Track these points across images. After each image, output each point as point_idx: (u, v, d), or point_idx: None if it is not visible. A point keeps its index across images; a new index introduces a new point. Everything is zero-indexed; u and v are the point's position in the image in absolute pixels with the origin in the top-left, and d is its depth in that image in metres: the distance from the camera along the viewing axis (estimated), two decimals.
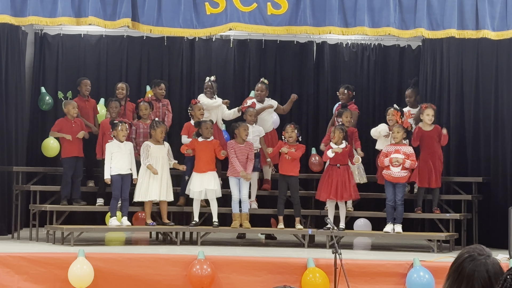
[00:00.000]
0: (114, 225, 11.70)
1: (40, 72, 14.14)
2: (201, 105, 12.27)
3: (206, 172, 11.74)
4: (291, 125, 11.96)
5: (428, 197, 12.21)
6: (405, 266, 9.68)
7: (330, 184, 11.72)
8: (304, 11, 11.05)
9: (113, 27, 11.23)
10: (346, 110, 12.44)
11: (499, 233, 11.66)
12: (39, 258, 9.62)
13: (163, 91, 12.88)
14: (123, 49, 14.42)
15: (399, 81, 14.40)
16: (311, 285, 9.48)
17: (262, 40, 14.50)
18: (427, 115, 11.95)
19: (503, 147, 12.24)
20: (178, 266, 9.67)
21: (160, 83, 12.95)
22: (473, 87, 12.68)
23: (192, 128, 12.13)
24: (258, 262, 9.77)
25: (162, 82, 13.03)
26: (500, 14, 11.09)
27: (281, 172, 11.98)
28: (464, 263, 3.34)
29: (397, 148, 11.60)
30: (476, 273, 3.34)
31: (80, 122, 12.21)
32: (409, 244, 12.42)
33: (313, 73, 14.63)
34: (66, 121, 12.12)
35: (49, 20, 10.99)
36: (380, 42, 14.61)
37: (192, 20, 11.17)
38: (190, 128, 12.22)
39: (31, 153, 13.62)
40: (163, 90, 12.87)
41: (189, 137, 12.10)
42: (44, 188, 12.35)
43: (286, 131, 11.91)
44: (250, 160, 11.90)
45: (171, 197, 11.84)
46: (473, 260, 3.33)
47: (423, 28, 11.12)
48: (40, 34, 14.21)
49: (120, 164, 11.64)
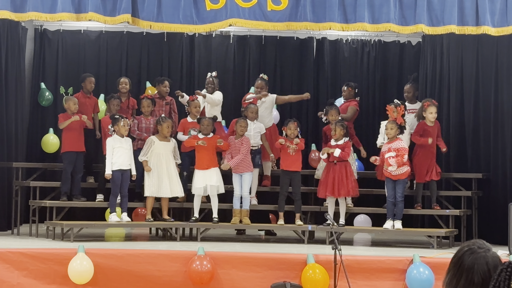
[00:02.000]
0: (114, 221, 11.71)
1: (40, 68, 14.15)
2: (198, 102, 12.25)
3: (208, 169, 11.74)
4: (294, 123, 11.92)
5: (427, 193, 12.21)
6: (405, 262, 9.69)
7: (327, 181, 11.73)
8: (304, 7, 11.04)
9: (113, 23, 11.23)
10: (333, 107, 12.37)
11: (499, 229, 11.66)
12: (39, 254, 9.62)
13: (167, 88, 12.79)
14: (123, 45, 14.42)
15: (399, 77, 14.39)
16: (311, 281, 9.48)
17: (262, 36, 14.50)
18: (430, 113, 11.93)
19: (503, 143, 12.24)
20: (178, 262, 9.67)
21: (164, 81, 12.87)
22: (473, 83, 12.67)
23: (188, 124, 12.13)
24: (258, 258, 9.77)
25: (166, 80, 12.93)
26: (500, 10, 11.09)
27: (284, 168, 11.94)
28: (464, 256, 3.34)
29: (389, 147, 11.59)
30: (476, 266, 3.34)
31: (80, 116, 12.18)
32: (409, 240, 12.42)
33: (313, 69, 14.63)
34: (66, 117, 12.11)
35: (49, 16, 10.99)
36: (380, 38, 14.61)
37: (192, 16, 11.16)
38: (185, 124, 12.21)
39: (31, 149, 13.64)
40: (167, 88, 12.80)
41: (184, 134, 12.09)
42: (44, 184, 12.35)
43: (288, 127, 11.88)
44: (241, 153, 11.83)
45: (182, 192, 11.84)
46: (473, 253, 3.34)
47: (423, 24, 11.12)
48: (40, 30, 14.21)
49: (122, 160, 11.63)
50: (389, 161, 11.43)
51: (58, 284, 9.48)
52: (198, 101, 12.28)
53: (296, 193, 11.98)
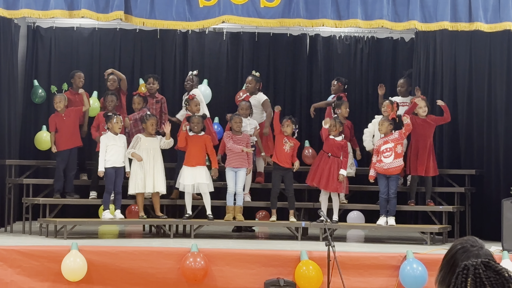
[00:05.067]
0: (107, 218, 11.69)
1: (33, 65, 14.12)
2: (198, 100, 12.24)
3: (196, 166, 11.73)
4: (287, 120, 11.94)
5: (421, 190, 12.23)
6: (398, 259, 9.70)
7: (316, 171, 11.76)
8: (297, 4, 11.03)
9: (106, 20, 11.20)
10: (343, 102, 12.44)
11: (492, 226, 11.69)
12: (32, 251, 9.61)
13: (151, 85, 12.68)
14: (116, 42, 14.40)
15: (392, 73, 14.39)
16: (305, 278, 9.49)
17: (255, 33, 14.50)
18: (419, 108, 12.00)
19: (496, 139, 12.26)
20: (172, 259, 9.66)
21: (148, 78, 12.83)
22: (466, 79, 12.69)
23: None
24: (252, 255, 9.77)
25: (150, 76, 12.84)
26: (493, 7, 11.09)
27: (276, 162, 11.89)
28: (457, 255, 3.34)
29: (385, 139, 11.63)
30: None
31: (73, 112, 12.15)
32: (402, 237, 12.43)
33: (306, 66, 14.63)
34: (56, 116, 12.08)
35: (41, 13, 10.95)
36: (373, 35, 14.62)
37: (185, 12, 11.14)
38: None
39: (23, 146, 13.60)
40: (151, 85, 12.67)
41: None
42: (37, 181, 12.33)
43: (282, 124, 11.90)
44: (249, 153, 11.89)
45: (164, 189, 11.81)
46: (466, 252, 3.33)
47: (416, 21, 11.11)
48: (33, 27, 14.18)
49: (115, 157, 11.62)
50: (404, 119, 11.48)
51: (52, 281, 9.47)
52: (197, 99, 12.24)
53: (289, 190, 11.99)
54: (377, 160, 11.63)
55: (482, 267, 3.02)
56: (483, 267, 3.02)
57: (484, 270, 3.01)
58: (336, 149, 11.76)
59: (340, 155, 11.79)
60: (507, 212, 10.73)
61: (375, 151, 11.76)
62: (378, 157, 11.63)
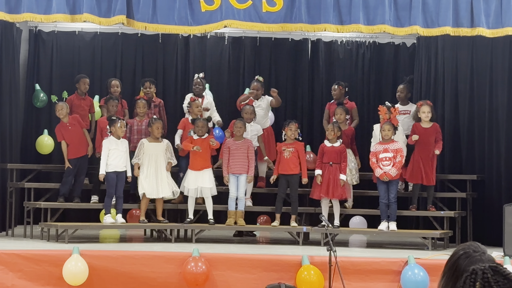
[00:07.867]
0: (108, 223, 11.69)
1: (35, 69, 14.12)
2: (199, 103, 12.24)
3: (201, 170, 11.74)
4: (295, 124, 11.96)
5: (423, 195, 12.23)
6: (399, 264, 9.69)
7: (322, 182, 11.74)
8: (299, 9, 11.04)
9: (107, 24, 11.21)
10: (339, 107, 12.46)
11: (494, 231, 11.66)
12: (33, 256, 9.61)
13: (148, 89, 12.72)
14: (118, 46, 14.40)
15: (394, 78, 14.39)
16: (306, 283, 9.48)
17: (257, 38, 14.50)
18: (423, 113, 11.97)
19: (497, 144, 12.25)
20: (173, 263, 9.66)
21: (144, 82, 12.84)
22: (468, 84, 12.69)
23: (189, 124, 12.10)
24: (253, 260, 9.76)
25: (147, 81, 12.86)
26: (495, 12, 11.09)
27: (281, 172, 11.93)
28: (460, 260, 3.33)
29: (385, 147, 11.60)
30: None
31: (76, 119, 12.16)
32: (404, 242, 12.42)
33: (307, 71, 14.63)
34: (62, 126, 12.09)
35: (43, 17, 10.96)
36: (375, 40, 14.62)
37: (187, 17, 11.15)
38: (186, 124, 12.19)
39: (25, 150, 13.60)
40: (148, 89, 12.73)
41: (184, 133, 12.07)
42: (38, 185, 12.32)
43: (289, 128, 11.88)
44: (250, 159, 11.88)
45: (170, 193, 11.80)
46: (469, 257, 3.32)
47: (418, 26, 11.11)
48: (35, 31, 14.19)
49: (117, 161, 11.63)
50: (390, 173, 11.44)
51: (53, 285, 9.47)
52: (198, 101, 12.26)
53: (293, 195, 11.98)
54: (377, 165, 11.59)
55: (490, 271, 3.02)
56: (491, 271, 3.02)
57: (493, 274, 3.01)
58: (335, 155, 11.75)
59: (340, 161, 11.78)
60: (508, 217, 10.71)
61: (373, 154, 11.70)
62: (377, 162, 11.60)
